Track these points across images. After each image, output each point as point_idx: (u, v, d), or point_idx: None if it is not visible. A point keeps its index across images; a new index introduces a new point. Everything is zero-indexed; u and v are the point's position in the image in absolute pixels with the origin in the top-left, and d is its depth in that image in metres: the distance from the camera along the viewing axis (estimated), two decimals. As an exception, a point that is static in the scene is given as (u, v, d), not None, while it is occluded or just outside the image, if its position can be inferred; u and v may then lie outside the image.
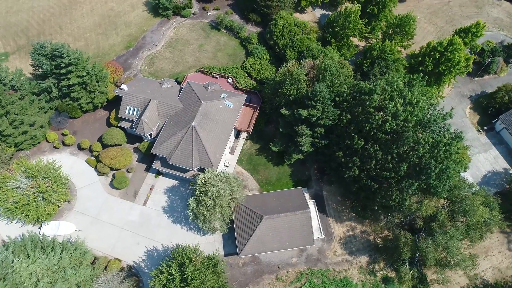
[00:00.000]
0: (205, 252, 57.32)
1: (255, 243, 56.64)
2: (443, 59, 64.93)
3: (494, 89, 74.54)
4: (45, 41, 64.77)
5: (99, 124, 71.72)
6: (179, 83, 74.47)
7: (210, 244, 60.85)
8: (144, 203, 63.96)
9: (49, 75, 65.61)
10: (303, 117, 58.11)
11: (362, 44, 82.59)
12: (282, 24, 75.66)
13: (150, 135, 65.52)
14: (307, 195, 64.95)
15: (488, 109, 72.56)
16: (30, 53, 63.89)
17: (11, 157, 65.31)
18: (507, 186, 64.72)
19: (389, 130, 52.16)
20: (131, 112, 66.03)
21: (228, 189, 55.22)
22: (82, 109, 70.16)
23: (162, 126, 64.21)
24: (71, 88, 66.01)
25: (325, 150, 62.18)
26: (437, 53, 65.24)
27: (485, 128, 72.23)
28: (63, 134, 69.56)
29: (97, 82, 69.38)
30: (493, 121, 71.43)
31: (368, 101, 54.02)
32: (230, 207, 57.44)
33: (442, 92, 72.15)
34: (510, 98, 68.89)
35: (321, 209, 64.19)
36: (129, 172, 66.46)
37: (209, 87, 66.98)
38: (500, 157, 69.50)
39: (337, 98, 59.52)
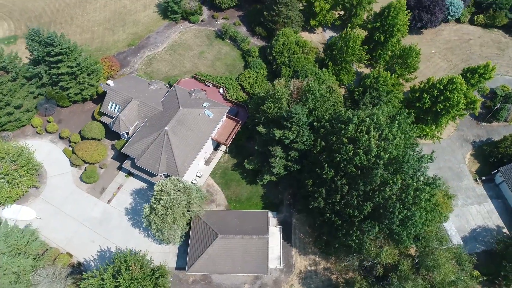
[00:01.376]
0: (155, 262, 55.37)
1: (205, 262, 53.83)
2: (442, 97, 60.34)
3: (501, 137, 68.54)
4: (41, 28, 66.07)
5: (85, 116, 71.99)
6: (171, 86, 73.86)
7: (164, 254, 58.62)
8: (109, 201, 62.88)
9: (41, 62, 66.71)
10: (277, 138, 55.30)
11: (367, 71, 79.02)
12: (283, 41, 73.66)
13: (127, 133, 64.83)
14: (274, 220, 61.64)
15: (490, 158, 66.62)
16: (25, 37, 65.28)
17: (-7, 136, 66.55)
18: (496, 246, 58.44)
19: (359, 165, 48.38)
20: (112, 108, 65.75)
21: (185, 200, 53.07)
22: (70, 99, 70.73)
23: (140, 127, 63.37)
24: (60, 77, 66.73)
25: (297, 176, 58.88)
26: (436, 91, 60.77)
27: (483, 178, 66.21)
28: (48, 121, 70.23)
29: (88, 74, 69.89)
30: (493, 172, 65.39)
31: (343, 131, 50.59)
32: (186, 219, 55.14)
33: (440, 133, 67.01)
34: (513, 150, 62.90)
35: (287, 237, 60.54)
36: (101, 168, 65.83)
37: (193, 94, 65.68)
38: (495, 212, 63.23)
39: (315, 123, 56.35)
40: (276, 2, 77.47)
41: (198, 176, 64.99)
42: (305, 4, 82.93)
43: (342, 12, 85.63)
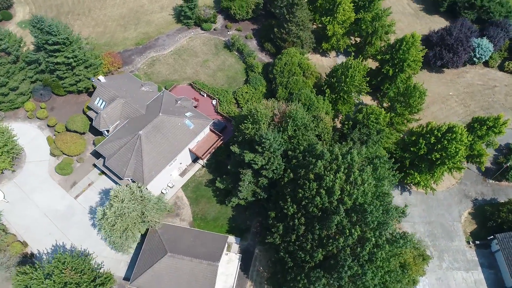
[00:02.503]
0: (106, 267, 53.59)
1: (150, 277, 51.10)
2: (439, 146, 54.51)
3: (507, 200, 61.06)
4: (45, 16, 67.09)
5: (77, 107, 72.16)
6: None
7: (116, 261, 56.57)
8: (77, 196, 61.99)
9: (41, 49, 67.69)
10: (246, 161, 51.96)
11: (372, 103, 73.93)
12: (286, 61, 70.54)
13: (107, 131, 63.96)
14: (236, 247, 57.97)
15: (489, 221, 59.38)
16: (28, 23, 66.53)
17: (-15, 113, 68.14)
18: (477, 323, 51.43)
19: (319, 206, 43.99)
20: (99, 104, 65.26)
21: (139, 210, 50.83)
22: (65, 89, 71.23)
23: (119, 127, 62.30)
24: (57, 66, 67.29)
25: (265, 204, 55.06)
26: (433, 137, 55.03)
27: (478, 242, 59.00)
28: (41, 107, 71.03)
29: (86, 68, 70.21)
30: (489, 238, 58.09)
31: (312, 166, 46.41)
32: (140, 229, 52.86)
33: (436, 184, 60.67)
34: (515, 217, 55.53)
35: (246, 268, 56.60)
36: (78, 162, 65.29)
37: (178, 102, 63.89)
38: (483, 284, 55.90)
39: (289, 152, 52.46)
40: (287, 20, 74.74)
41: (170, 187, 62.73)
42: (320, 26, 79.59)
43: (358, 39, 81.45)
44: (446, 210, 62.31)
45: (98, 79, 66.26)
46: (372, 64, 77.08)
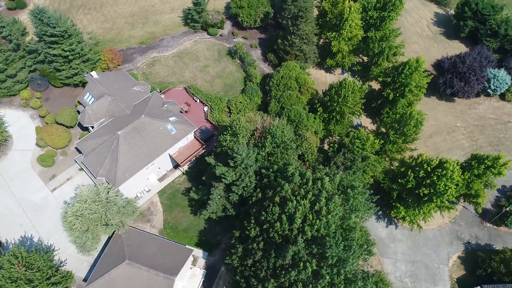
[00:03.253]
0: (68, 266, 52.80)
1: (105, 283, 49.36)
2: (428, 181, 50.29)
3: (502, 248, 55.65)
4: (47, 8, 67.58)
5: (71, 100, 72.23)
6: (161, 91, 71.92)
7: (79, 261, 55.43)
8: (54, 190, 61.58)
9: (41, 39, 68.30)
10: (217, 174, 49.69)
11: (371, 127, 70.17)
12: (283, 74, 68.00)
13: (92, 127, 63.40)
14: (202, 262, 55.60)
15: (478, 269, 54.21)
16: (29, 12, 67.25)
17: (-18, 98, 69.34)
18: None
19: (279, 232, 41.04)
20: (87, 99, 64.98)
21: (101, 213, 49.42)
22: (62, 81, 71.53)
23: (103, 124, 61.58)
24: (54, 58, 67.64)
25: (233, 222, 52.47)
26: (422, 171, 50.86)
27: (463, 291, 54.03)
28: (36, 97, 71.61)
29: (84, 62, 70.37)
30: (476, 288, 53.02)
31: (279, 188, 43.56)
32: (103, 232, 51.48)
33: (425, 221, 56.10)
34: (506, 270, 50.20)
35: (209, 285, 54.03)
36: (62, 155, 65.03)
37: (165, 105, 62.57)
38: (463, 337, 50.87)
39: (263, 170, 49.73)
40: (291, 32, 72.40)
41: (146, 191, 61.28)
42: (326, 41, 76.60)
43: (366, 58, 77.91)
44: (433, 251, 57.53)
45: (90, 74, 66.04)
46: (377, 85, 73.38)
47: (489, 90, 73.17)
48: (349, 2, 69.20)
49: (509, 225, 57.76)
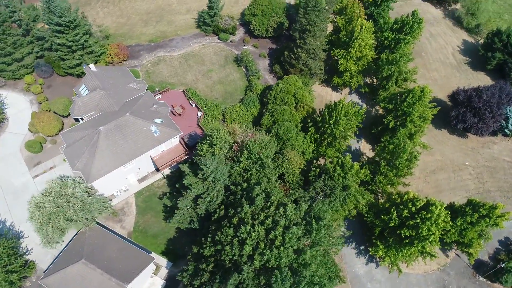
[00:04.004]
0: (32, 256, 52.51)
1: (59, 279, 48.34)
2: (411, 222, 45.76)
3: (492, 308, 49.88)
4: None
5: (71, 90, 72.57)
6: (159, 91, 71.21)
7: (44, 252, 54.77)
8: (36, 176, 61.71)
9: (50, 27, 69.35)
10: (185, 184, 47.57)
11: (369, 153, 65.83)
12: (281, 88, 65.21)
13: (82, 119, 63.19)
14: (164, 272, 53.46)
15: (461, 327, 48.74)
16: (40, 0, 68.41)
17: (-13, 78, 71.24)
18: None
19: (230, 257, 38.16)
20: (82, 91, 64.96)
21: (62, 208, 48.42)
22: (65, 70, 72.22)
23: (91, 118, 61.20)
24: (58, 47, 68.41)
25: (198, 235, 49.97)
26: (406, 211, 46.38)
27: None
28: (39, 83, 72.67)
29: (88, 54, 70.83)
30: None
31: (239, 209, 40.74)
32: (65, 226, 50.54)
33: (408, 265, 51.18)
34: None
35: (166, 297, 51.82)
36: (51, 143, 65.29)
37: (154, 106, 61.35)
38: None
39: (232, 187, 47.00)
40: (298, 46, 69.58)
41: (124, 190, 60.10)
42: (335, 58, 73.06)
43: (375, 80, 73.69)
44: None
45: (89, 66, 66.05)
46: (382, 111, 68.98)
47: (506, 130, 66.88)
48: (361, 20, 65.55)
49: (504, 283, 51.65)
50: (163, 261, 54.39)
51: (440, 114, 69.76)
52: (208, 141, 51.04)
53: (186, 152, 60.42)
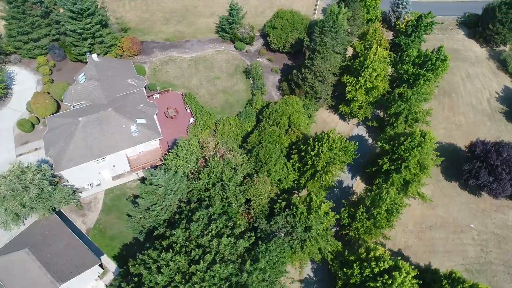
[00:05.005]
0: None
1: (2, 263, 47.48)
2: (371, 284, 39.68)
3: None
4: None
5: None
6: (160, 90, 70.10)
7: (1, 233, 54.24)
8: (19, 155, 62.31)
9: (65, 12, 70.63)
10: (139, 193, 45.05)
11: (358, 188, 59.59)
12: (277, 107, 61.25)
13: (73, 106, 63.13)
14: (111, 278, 51.01)
15: None
16: (61, -14, 69.86)
17: (6, 54, 73.82)
18: None
19: (147, 281, 34.76)
20: (80, 79, 65.07)
21: (21, 193, 47.74)
22: (75, 56, 73.17)
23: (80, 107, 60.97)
24: (70, 32, 69.38)
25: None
26: (368, 270, 40.33)
27: None
28: (50, 65, 74.24)
29: (99, 43, 71.32)
30: None
31: (173, 231, 37.26)
32: (21, 212, 49.93)
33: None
34: None
35: (106, 304, 49.30)
36: (43, 125, 65.96)
37: (141, 105, 59.77)
38: None
39: (182, 204, 43.62)
40: (305, 66, 65.27)
41: (96, 184, 58.87)
42: (347, 83, 67.51)
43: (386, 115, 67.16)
44: None
45: (92, 56, 66.12)
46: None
47: (527, 197, 57.76)
48: (375, 48, 59.94)
49: None
50: (113, 266, 52.13)
51: (455, 164, 62.49)
52: (175, 151, 48.20)
53: (161, 158, 58.02)
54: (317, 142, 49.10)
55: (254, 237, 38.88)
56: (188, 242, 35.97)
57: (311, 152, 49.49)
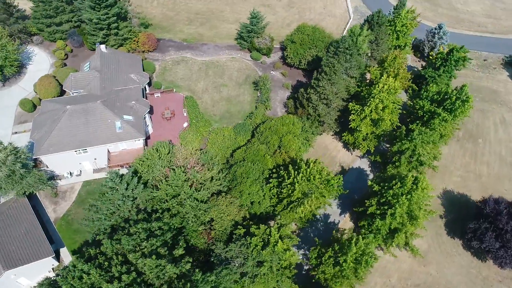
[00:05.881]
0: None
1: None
2: None
3: None
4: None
5: (90, 65, 74.33)
6: (162, 89, 69.04)
7: (-23, 207, 55.25)
8: (14, 133, 63.38)
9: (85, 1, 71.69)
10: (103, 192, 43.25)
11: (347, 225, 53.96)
12: (271, 125, 57.59)
13: (72, 94, 63.39)
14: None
15: None
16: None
17: (31, 34, 76.44)
18: None
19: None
20: (85, 67, 65.50)
21: (-10, 171, 47.82)
22: (90, 45, 74.05)
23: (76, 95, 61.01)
24: (87, 21, 70.26)
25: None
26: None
27: None
28: (67, 50, 75.67)
29: (114, 35, 71.71)
30: None
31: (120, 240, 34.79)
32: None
33: None
34: None
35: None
36: (45, 107, 66.95)
37: (133, 102, 58.53)
38: None
39: (131, 212, 41.10)
40: (311, 86, 61.03)
41: (76, 174, 58.22)
42: (352, 110, 62.18)
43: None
44: None
45: (100, 46, 66.25)
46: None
47: (539, 274, 49.18)
48: (388, 78, 54.48)
49: None
50: (69, 260, 50.73)
51: (463, 219, 55.71)
52: (143, 155, 46.07)
53: (142, 159, 56.18)
54: (295, 171, 44.72)
55: (190, 263, 35.29)
56: (115, 256, 33.34)
57: (287, 180, 45.17)
